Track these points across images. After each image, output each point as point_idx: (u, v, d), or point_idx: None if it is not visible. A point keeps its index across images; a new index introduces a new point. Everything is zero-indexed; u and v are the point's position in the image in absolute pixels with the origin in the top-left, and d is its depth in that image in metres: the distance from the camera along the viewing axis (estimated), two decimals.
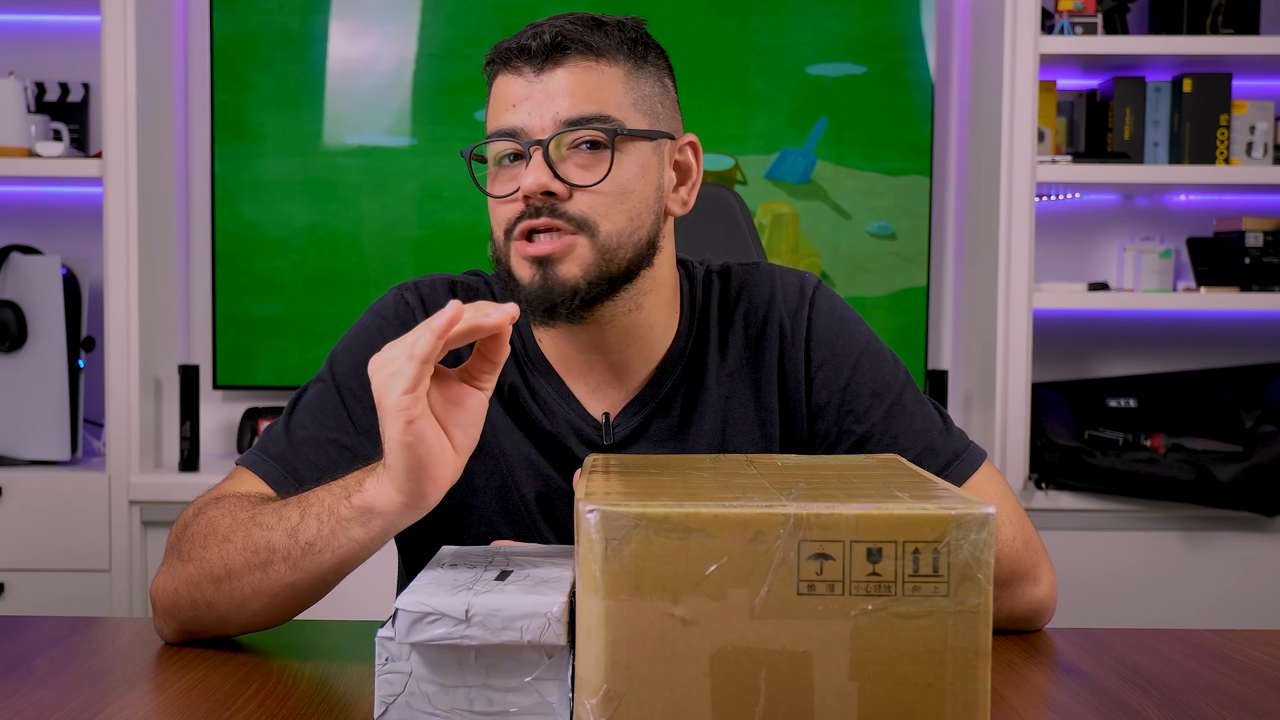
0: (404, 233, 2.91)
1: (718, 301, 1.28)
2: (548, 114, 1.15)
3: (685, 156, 1.24)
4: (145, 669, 1.04)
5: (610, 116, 1.16)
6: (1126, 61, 2.84)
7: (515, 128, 1.16)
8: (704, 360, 1.26)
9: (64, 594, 2.68)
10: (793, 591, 0.74)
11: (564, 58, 1.16)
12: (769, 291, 1.27)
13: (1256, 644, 1.15)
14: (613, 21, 1.19)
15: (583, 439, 1.23)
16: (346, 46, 2.90)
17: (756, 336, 1.26)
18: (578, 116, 1.15)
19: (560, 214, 1.15)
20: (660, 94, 1.21)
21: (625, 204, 1.17)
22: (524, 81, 1.16)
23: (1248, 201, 3.01)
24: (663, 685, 0.74)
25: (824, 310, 1.27)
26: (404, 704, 0.86)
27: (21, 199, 2.98)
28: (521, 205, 1.15)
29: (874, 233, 2.93)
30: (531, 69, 1.16)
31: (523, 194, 1.14)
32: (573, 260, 1.15)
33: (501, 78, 1.18)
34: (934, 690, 0.75)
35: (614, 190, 1.16)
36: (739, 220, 1.67)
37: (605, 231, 1.16)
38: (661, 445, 1.24)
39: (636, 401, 1.24)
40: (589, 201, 1.15)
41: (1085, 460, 2.70)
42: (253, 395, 2.97)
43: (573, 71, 1.16)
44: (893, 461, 0.92)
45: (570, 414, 1.24)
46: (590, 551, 0.74)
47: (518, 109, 1.16)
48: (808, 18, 2.88)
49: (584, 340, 1.22)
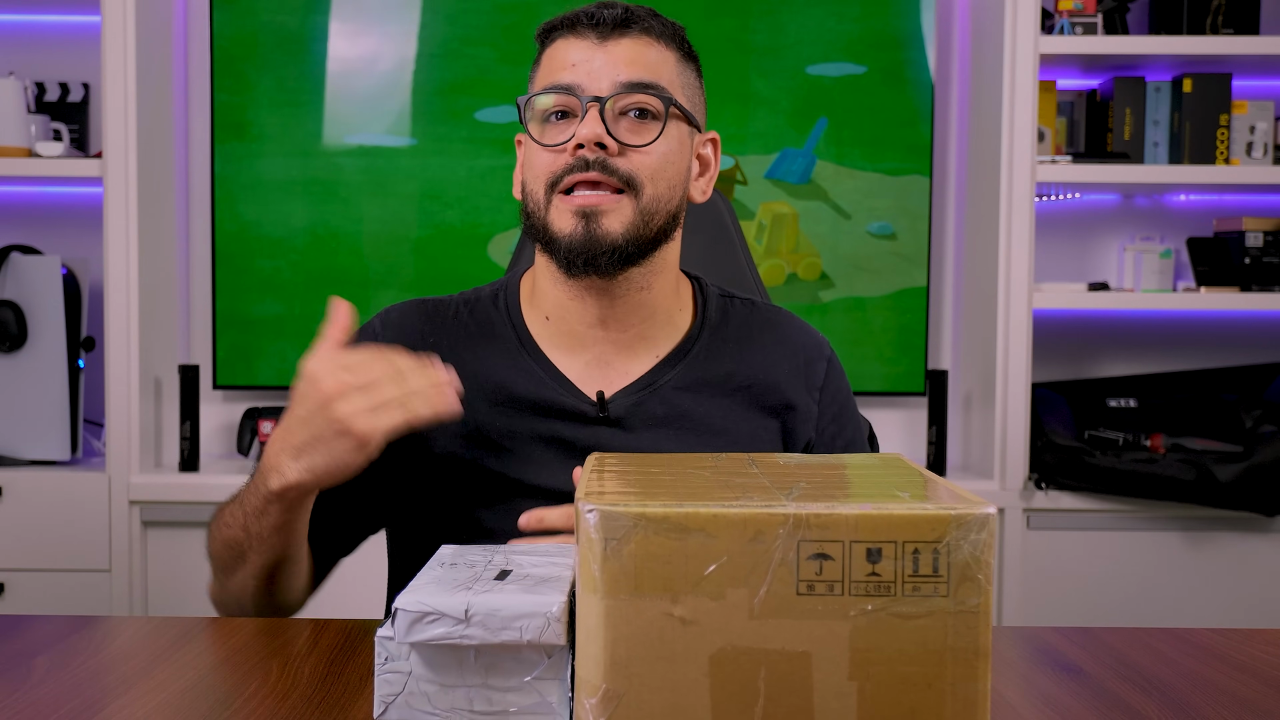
0: (404, 233, 2.91)
1: (739, 323, 1.35)
2: (606, 77, 1.22)
3: (707, 151, 1.33)
4: (145, 669, 1.04)
5: (664, 88, 1.24)
6: (1126, 61, 2.84)
7: (572, 83, 1.22)
8: (713, 368, 1.31)
9: (64, 594, 2.68)
10: (792, 591, 0.74)
11: (628, 30, 1.23)
12: (798, 336, 1.37)
13: (1256, 643, 1.15)
14: (667, 19, 1.28)
15: (574, 414, 1.27)
16: (346, 46, 2.90)
17: (778, 369, 1.34)
18: (637, 80, 1.22)
19: (610, 169, 1.21)
20: (698, 89, 1.31)
21: (667, 171, 1.24)
22: (587, 45, 1.23)
23: (1248, 201, 3.01)
24: (662, 685, 0.74)
25: (839, 373, 1.40)
26: (404, 704, 0.86)
27: (21, 199, 2.98)
28: (569, 158, 1.21)
29: (874, 233, 2.93)
30: (596, 35, 1.23)
31: (575, 142, 1.20)
32: (616, 216, 1.22)
33: (562, 41, 1.24)
34: (934, 690, 0.74)
35: (660, 156, 1.23)
36: (726, 222, 1.67)
37: (649, 194, 1.23)
38: (658, 430, 1.27)
39: (635, 386, 1.28)
40: (639, 161, 1.22)
41: (1085, 460, 2.70)
42: (253, 395, 2.97)
43: (635, 43, 1.23)
44: (895, 461, 0.92)
45: (560, 392, 1.27)
46: (589, 551, 0.74)
47: (578, 68, 1.22)
48: (808, 18, 2.88)
49: (594, 313, 1.28)
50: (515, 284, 1.35)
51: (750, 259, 1.69)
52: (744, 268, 1.66)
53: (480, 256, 2.90)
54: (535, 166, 1.24)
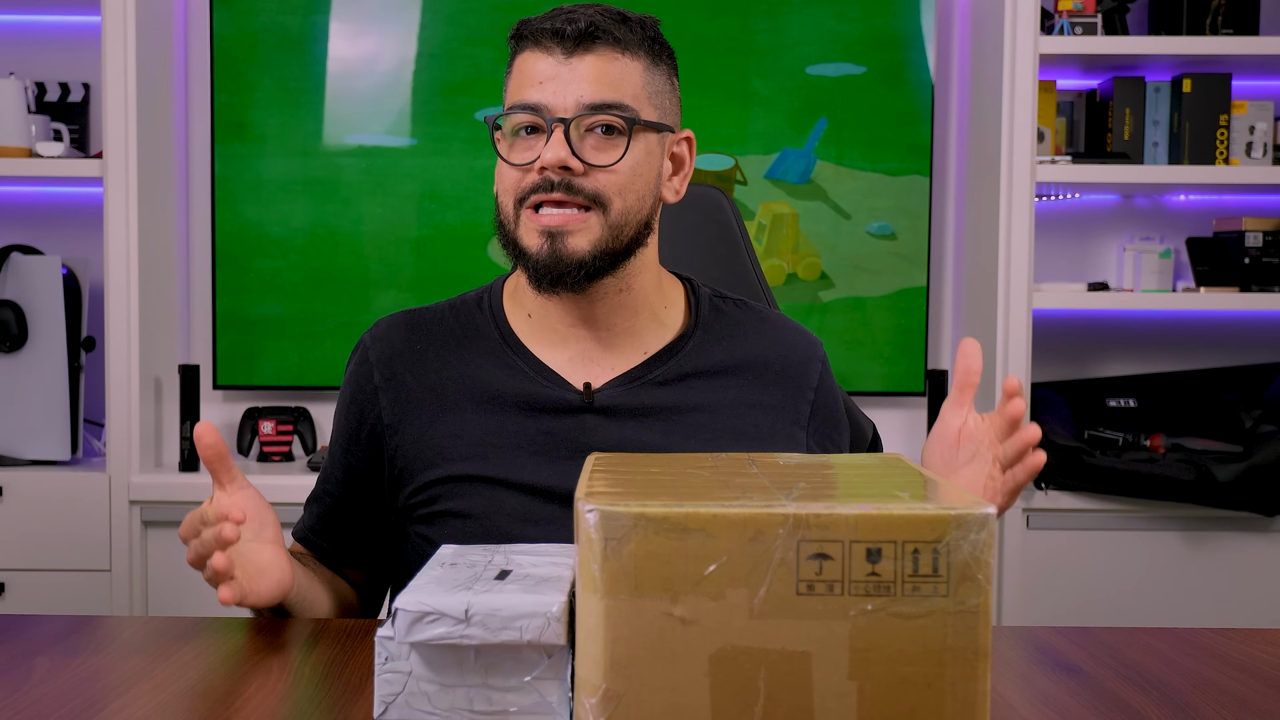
0: (404, 233, 2.91)
1: (732, 322, 1.36)
2: (571, 96, 1.22)
3: (681, 150, 1.33)
4: (145, 669, 1.04)
5: (628, 106, 1.23)
6: (1126, 61, 2.84)
7: (539, 103, 1.22)
8: (704, 362, 1.32)
9: (64, 594, 2.68)
10: (792, 591, 0.74)
11: (593, 45, 1.23)
12: (791, 336, 1.38)
13: (1256, 643, 1.15)
14: (635, 18, 1.26)
15: (559, 405, 1.28)
16: (346, 46, 2.90)
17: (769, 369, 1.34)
18: (600, 102, 1.22)
19: (575, 189, 1.22)
20: (669, 91, 1.30)
21: (634, 185, 1.25)
22: (553, 61, 1.23)
23: (1247, 201, 3.01)
24: (662, 685, 0.74)
25: (829, 372, 1.41)
26: (404, 703, 0.86)
27: (21, 199, 2.98)
28: (535, 176, 1.22)
29: (874, 233, 2.93)
30: (562, 50, 1.23)
31: (540, 165, 1.21)
32: (583, 234, 1.23)
33: (529, 53, 1.24)
34: (933, 690, 0.74)
35: (628, 171, 1.24)
36: (730, 221, 1.67)
37: (617, 209, 1.24)
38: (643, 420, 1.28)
39: (622, 379, 1.29)
40: (604, 180, 1.23)
41: (1085, 460, 2.70)
42: (253, 395, 2.97)
43: (599, 59, 1.23)
44: (895, 461, 0.92)
45: (544, 384, 1.29)
46: (590, 551, 0.74)
47: (544, 86, 1.22)
48: (808, 18, 2.88)
49: (574, 313, 1.30)
50: (500, 285, 1.37)
51: (755, 260, 1.69)
52: (749, 268, 1.66)
53: (480, 257, 2.90)
54: (504, 180, 1.26)
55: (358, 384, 1.34)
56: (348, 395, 1.35)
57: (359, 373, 1.35)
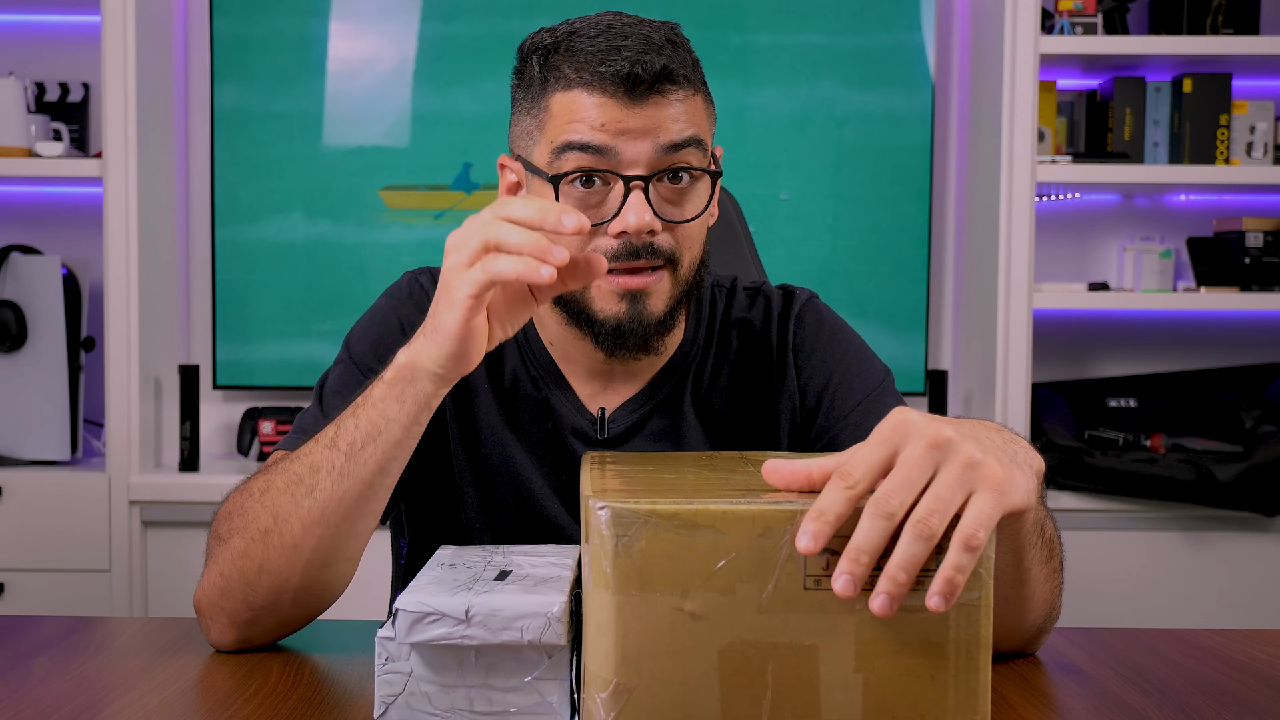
0: (404, 233, 2.91)
1: (723, 316, 1.29)
2: (645, 148, 1.10)
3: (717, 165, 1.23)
4: (145, 669, 1.04)
5: (704, 147, 1.14)
6: (1126, 61, 2.84)
7: (605, 145, 1.10)
8: (707, 369, 1.27)
9: (64, 594, 2.68)
10: (799, 586, 0.75)
11: (665, 88, 1.11)
12: (764, 313, 1.29)
13: (1256, 644, 1.15)
14: (680, 40, 1.15)
15: (577, 433, 1.24)
16: (346, 46, 2.90)
17: (756, 356, 1.27)
18: (678, 156, 1.11)
19: (656, 251, 1.13)
20: (712, 103, 1.20)
21: (700, 233, 1.18)
22: (616, 106, 1.10)
23: (1248, 201, 3.01)
24: (672, 679, 0.75)
25: (810, 324, 1.29)
26: (404, 704, 0.86)
27: (21, 199, 2.98)
28: (613, 242, 1.11)
29: (874, 232, 2.92)
30: (628, 95, 1.10)
31: (620, 230, 1.11)
32: (659, 293, 1.15)
33: (582, 94, 1.11)
34: (936, 682, 0.76)
35: (698, 224, 1.16)
36: (733, 220, 1.67)
37: (686, 263, 1.16)
38: (656, 444, 1.25)
39: (636, 400, 1.25)
40: (679, 235, 1.14)
41: (1085, 460, 2.70)
42: (253, 395, 2.97)
43: (671, 103, 1.11)
44: None
45: (566, 408, 1.24)
46: (601, 548, 0.75)
47: (612, 135, 1.10)
48: (808, 20, 2.88)
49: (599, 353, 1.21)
50: None
51: (757, 257, 1.69)
52: (750, 265, 1.66)
53: None
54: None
55: (417, 305, 1.26)
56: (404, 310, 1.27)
57: (418, 294, 1.28)
